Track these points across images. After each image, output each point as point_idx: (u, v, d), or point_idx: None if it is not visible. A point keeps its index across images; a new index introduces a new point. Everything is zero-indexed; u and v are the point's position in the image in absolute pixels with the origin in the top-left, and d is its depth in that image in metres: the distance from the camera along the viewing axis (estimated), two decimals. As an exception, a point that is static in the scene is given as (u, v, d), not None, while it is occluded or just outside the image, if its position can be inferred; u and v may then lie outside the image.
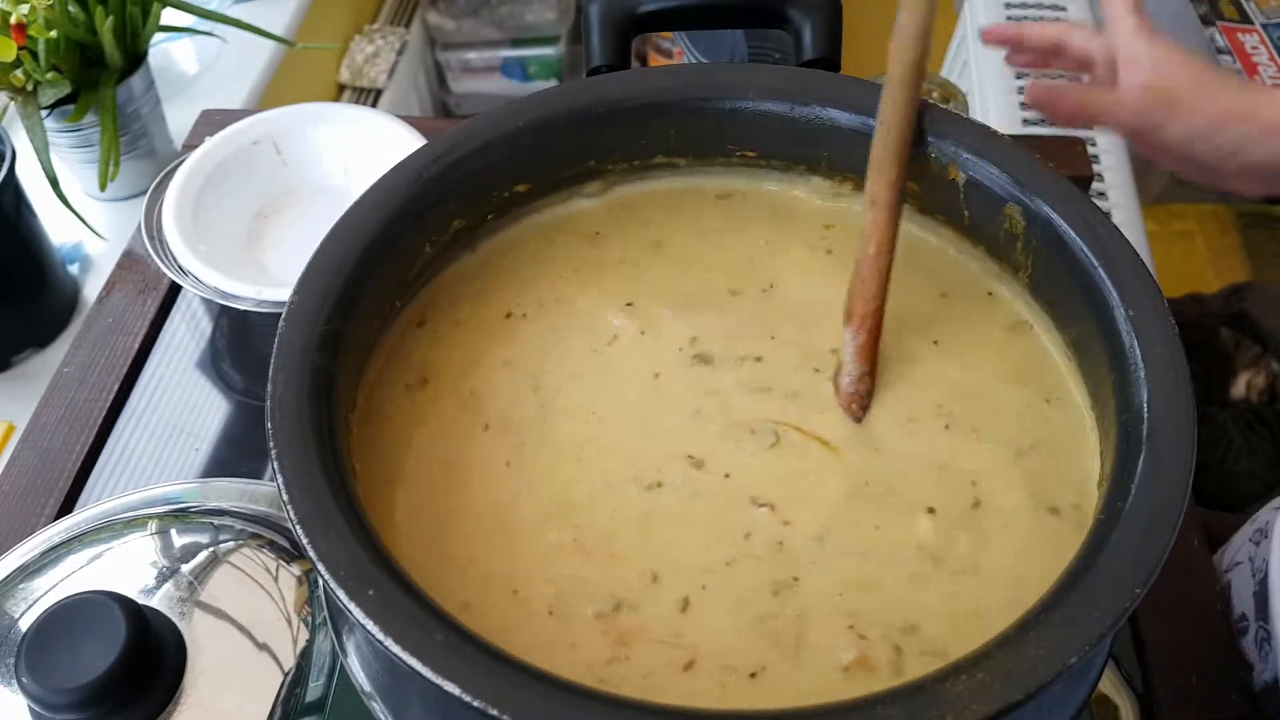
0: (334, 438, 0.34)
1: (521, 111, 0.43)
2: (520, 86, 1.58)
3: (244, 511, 0.47)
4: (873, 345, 0.40)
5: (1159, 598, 0.48)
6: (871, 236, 0.40)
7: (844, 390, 0.40)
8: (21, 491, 0.56)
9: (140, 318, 0.65)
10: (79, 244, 0.80)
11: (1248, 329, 0.95)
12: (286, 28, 1.08)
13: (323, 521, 0.31)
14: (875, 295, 0.40)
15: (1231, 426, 0.91)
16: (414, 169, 0.41)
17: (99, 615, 0.38)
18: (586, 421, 0.40)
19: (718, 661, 0.34)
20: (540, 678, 0.29)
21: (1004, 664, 0.28)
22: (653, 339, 0.42)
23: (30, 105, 0.72)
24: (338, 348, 0.37)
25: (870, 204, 0.40)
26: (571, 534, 0.37)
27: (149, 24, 0.77)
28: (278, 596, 0.44)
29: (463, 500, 0.38)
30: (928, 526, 0.37)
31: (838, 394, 0.40)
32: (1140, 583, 0.30)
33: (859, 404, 0.40)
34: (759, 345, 0.42)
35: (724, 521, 0.37)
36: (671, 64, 1.21)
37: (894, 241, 0.40)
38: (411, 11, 1.51)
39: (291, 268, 0.49)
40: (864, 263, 0.40)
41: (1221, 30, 1.19)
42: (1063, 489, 0.37)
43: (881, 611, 0.35)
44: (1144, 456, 0.32)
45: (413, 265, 0.42)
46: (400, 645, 0.29)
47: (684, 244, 0.46)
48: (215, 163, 0.67)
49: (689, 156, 0.46)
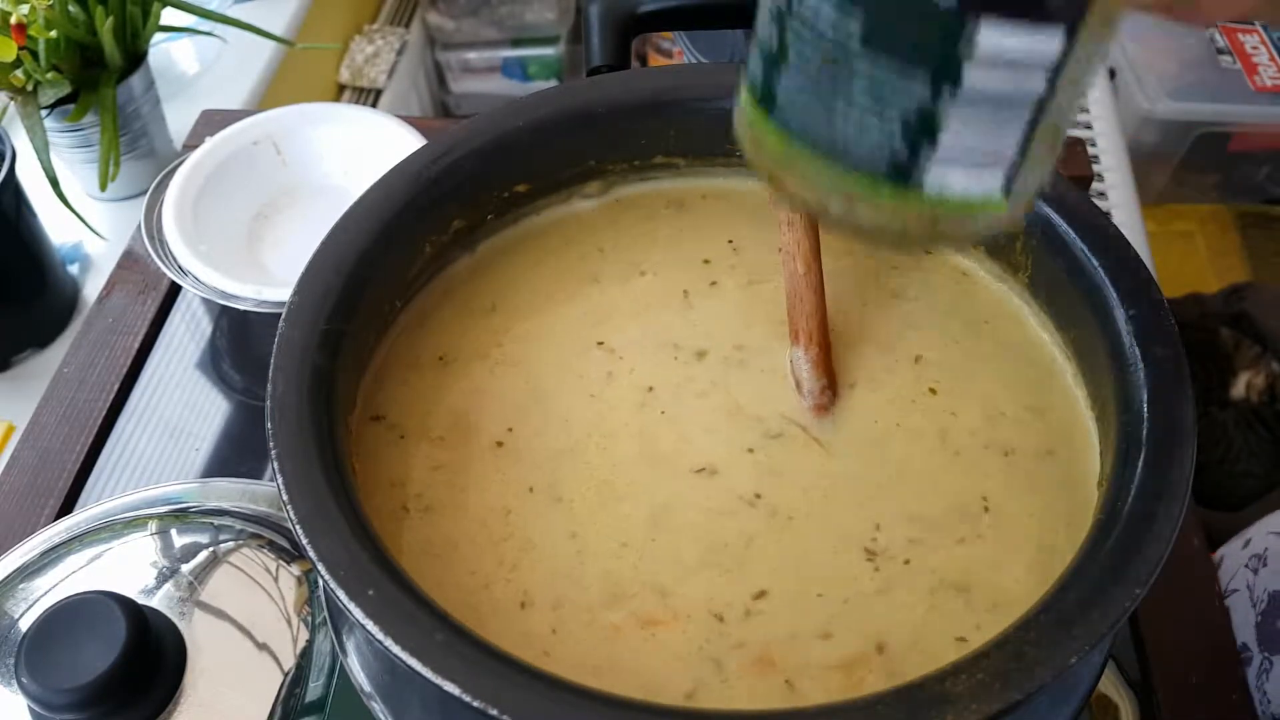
0: (334, 437, 0.34)
1: (521, 111, 0.43)
2: (520, 86, 1.58)
3: (244, 511, 0.47)
4: (826, 357, 0.40)
5: (1159, 598, 0.48)
6: (795, 255, 0.40)
7: (810, 405, 0.40)
8: (21, 491, 0.56)
9: (140, 318, 0.65)
10: (79, 244, 0.80)
11: (1248, 329, 0.95)
12: (286, 28, 1.08)
13: (323, 521, 0.31)
14: (815, 310, 0.40)
15: (1231, 426, 0.91)
16: (414, 169, 0.41)
17: (99, 615, 0.38)
18: (585, 419, 0.40)
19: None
20: (540, 678, 0.29)
21: (1004, 664, 0.28)
22: (652, 338, 0.42)
23: (30, 105, 0.72)
24: (338, 348, 0.37)
25: (787, 226, 0.40)
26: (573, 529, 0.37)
27: (149, 24, 0.77)
28: (278, 596, 0.44)
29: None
30: (926, 526, 0.37)
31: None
32: (1140, 583, 0.30)
33: (824, 415, 0.40)
34: (755, 341, 0.42)
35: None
36: (671, 64, 1.21)
37: (818, 255, 0.40)
38: (411, 11, 1.51)
39: (291, 268, 0.49)
40: (795, 280, 0.40)
41: (1221, 30, 1.20)
42: (1062, 489, 0.37)
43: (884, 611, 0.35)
44: (1144, 456, 0.32)
45: (413, 265, 0.42)
46: (400, 645, 0.29)
47: (683, 244, 0.46)
48: (215, 163, 0.67)
49: (689, 156, 0.46)
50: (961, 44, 0.24)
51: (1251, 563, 0.51)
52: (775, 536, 0.37)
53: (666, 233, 0.46)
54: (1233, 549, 0.54)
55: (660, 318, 0.43)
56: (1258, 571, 0.50)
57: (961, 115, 0.25)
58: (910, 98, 0.25)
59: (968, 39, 0.24)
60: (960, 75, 0.25)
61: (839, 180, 0.27)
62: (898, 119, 0.26)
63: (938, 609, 0.35)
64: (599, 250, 0.45)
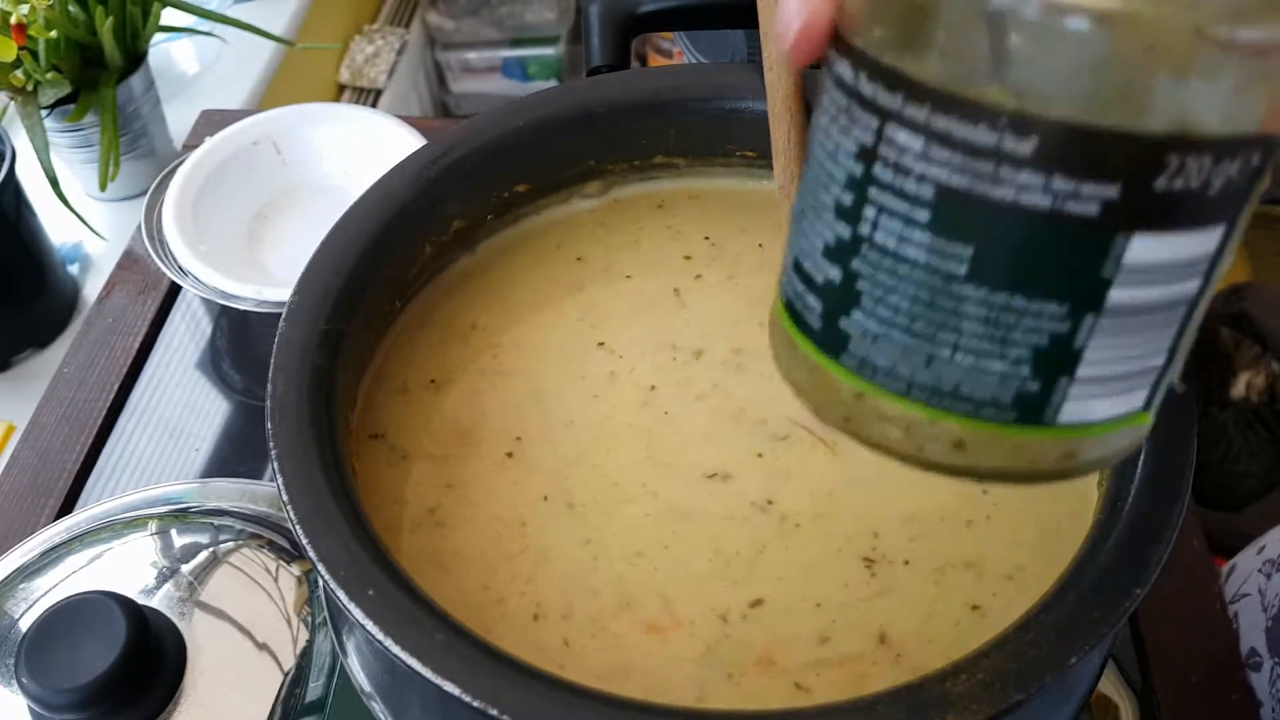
0: (334, 437, 0.34)
1: (521, 111, 0.43)
2: (520, 86, 1.58)
3: (244, 511, 0.47)
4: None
5: (1159, 598, 0.48)
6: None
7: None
8: (21, 491, 0.56)
9: (140, 318, 0.65)
10: (79, 244, 0.80)
11: (1248, 329, 0.95)
12: (286, 28, 1.08)
13: (323, 521, 0.31)
14: None
15: (1231, 426, 0.91)
16: (414, 169, 0.41)
17: (99, 615, 0.38)
18: (590, 421, 0.40)
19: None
20: (540, 678, 0.29)
21: (1004, 664, 0.28)
22: (651, 337, 0.42)
23: (30, 105, 0.72)
24: (338, 348, 0.37)
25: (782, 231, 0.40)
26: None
27: (149, 24, 0.77)
28: (278, 596, 0.44)
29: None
30: (929, 523, 0.37)
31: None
32: (1140, 583, 0.30)
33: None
34: (751, 345, 0.42)
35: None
36: (671, 64, 1.21)
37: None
38: (411, 11, 1.51)
39: (291, 268, 0.49)
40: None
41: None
42: (1062, 489, 0.37)
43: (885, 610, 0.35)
44: (1144, 457, 0.32)
45: (413, 265, 0.42)
46: (400, 645, 0.29)
47: (681, 244, 0.46)
48: (215, 163, 0.67)
49: (689, 156, 0.46)
50: (1108, 264, 0.20)
51: (1265, 567, 0.51)
52: (784, 544, 0.36)
53: (649, 233, 0.46)
54: (1247, 555, 0.53)
55: (657, 318, 0.43)
56: (1270, 576, 0.50)
57: (1106, 339, 0.21)
58: (1041, 330, 0.21)
59: (1115, 259, 0.20)
60: (1105, 297, 0.21)
61: (945, 424, 0.23)
62: (1026, 354, 0.21)
63: (946, 586, 0.35)
64: (578, 259, 0.45)
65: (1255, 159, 0.20)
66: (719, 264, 0.45)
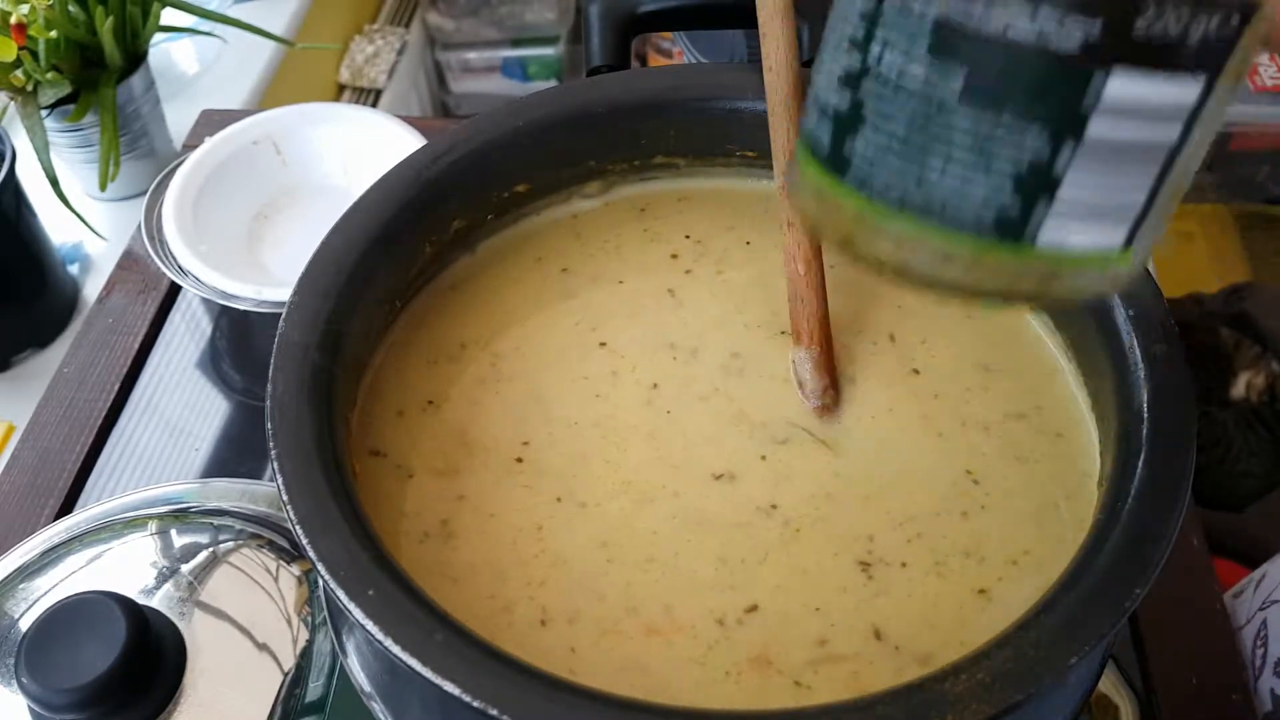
0: (334, 438, 0.34)
1: (521, 111, 0.43)
2: (520, 86, 1.58)
3: (244, 511, 0.47)
4: (828, 358, 0.40)
5: (1159, 598, 0.48)
6: (796, 256, 0.40)
7: (814, 406, 0.40)
8: (21, 491, 0.56)
9: (140, 318, 0.65)
10: (79, 244, 0.80)
11: (1248, 329, 0.95)
12: (286, 28, 1.08)
13: (323, 521, 0.31)
14: (817, 310, 0.40)
15: (1231, 426, 0.91)
16: (414, 169, 0.41)
17: (99, 615, 0.38)
18: (594, 420, 0.40)
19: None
20: (540, 678, 0.29)
21: (1004, 664, 0.28)
22: (649, 337, 0.42)
23: (30, 105, 0.72)
24: (338, 348, 0.37)
25: (787, 226, 0.40)
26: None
27: (149, 24, 0.77)
28: (278, 596, 0.44)
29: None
30: (925, 527, 0.37)
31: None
32: (1140, 583, 0.30)
33: (829, 415, 0.40)
34: (749, 348, 0.42)
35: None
36: (671, 64, 1.21)
37: (820, 255, 0.40)
38: (411, 11, 1.51)
39: (291, 268, 0.49)
40: (796, 282, 0.40)
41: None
42: (1062, 489, 0.37)
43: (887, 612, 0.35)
44: (1144, 456, 0.32)
45: (413, 265, 0.42)
46: (400, 645, 0.29)
47: (663, 244, 0.46)
48: (215, 163, 0.67)
49: (689, 156, 0.46)
50: (1088, 96, 0.22)
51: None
52: (785, 550, 0.36)
53: (632, 235, 0.46)
54: (1276, 562, 0.53)
55: (657, 317, 0.43)
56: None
57: (1084, 168, 0.23)
58: (1024, 152, 0.23)
59: (1095, 92, 0.22)
60: (1084, 127, 0.23)
61: (932, 239, 0.25)
62: (1009, 174, 0.23)
63: (948, 578, 0.35)
64: (564, 270, 0.45)
65: (1234, 19, 0.22)
66: (706, 260, 0.45)
